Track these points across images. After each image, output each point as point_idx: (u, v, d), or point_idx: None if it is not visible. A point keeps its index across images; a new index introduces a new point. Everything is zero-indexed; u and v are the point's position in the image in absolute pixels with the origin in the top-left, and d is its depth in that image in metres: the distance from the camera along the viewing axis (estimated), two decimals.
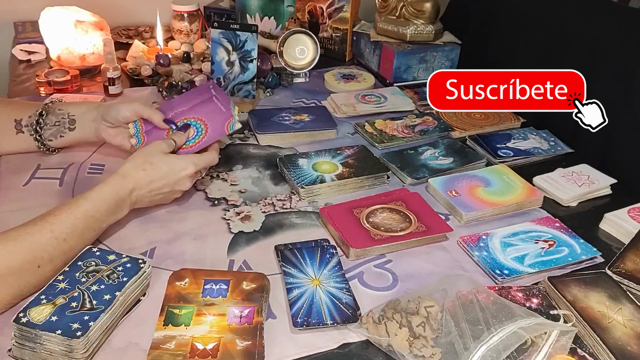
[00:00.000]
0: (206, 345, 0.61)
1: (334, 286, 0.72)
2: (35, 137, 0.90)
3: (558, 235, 0.84)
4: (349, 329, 0.66)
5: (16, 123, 0.89)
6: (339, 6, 1.41)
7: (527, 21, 1.24)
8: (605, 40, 1.06)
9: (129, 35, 1.44)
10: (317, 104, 1.21)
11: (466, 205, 0.88)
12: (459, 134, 1.12)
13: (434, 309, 0.65)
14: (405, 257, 0.79)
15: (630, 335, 0.65)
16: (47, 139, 0.90)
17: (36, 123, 0.89)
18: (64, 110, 0.90)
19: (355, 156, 0.99)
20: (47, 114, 0.89)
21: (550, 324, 0.64)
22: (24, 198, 0.85)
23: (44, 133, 0.90)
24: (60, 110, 0.90)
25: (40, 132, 0.89)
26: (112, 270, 0.67)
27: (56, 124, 0.90)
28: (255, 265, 0.76)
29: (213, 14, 1.50)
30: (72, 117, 0.90)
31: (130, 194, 0.77)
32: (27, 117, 0.89)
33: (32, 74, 1.23)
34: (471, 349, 0.60)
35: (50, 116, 0.89)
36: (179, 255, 0.77)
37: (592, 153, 1.05)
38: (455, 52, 1.32)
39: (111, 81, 1.15)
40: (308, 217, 0.86)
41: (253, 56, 1.14)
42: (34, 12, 1.29)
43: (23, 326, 0.59)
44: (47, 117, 0.89)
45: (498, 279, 0.75)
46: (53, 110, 0.90)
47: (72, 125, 0.90)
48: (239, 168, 0.98)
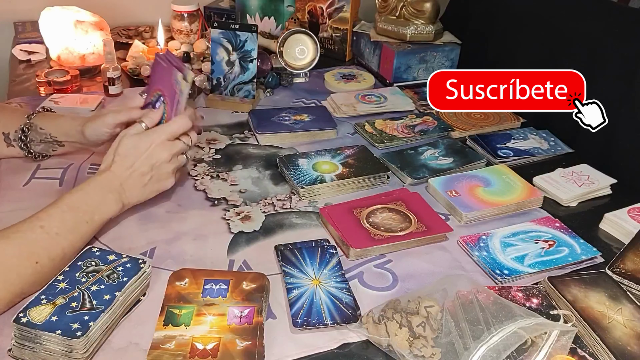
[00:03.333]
0: (206, 345, 0.61)
1: (334, 286, 0.72)
2: (25, 153, 0.90)
3: (558, 235, 0.84)
4: (349, 329, 0.66)
5: (4, 136, 0.89)
6: (339, 6, 1.41)
7: (527, 21, 1.24)
8: (605, 40, 1.06)
9: (129, 35, 1.44)
10: (317, 104, 1.21)
11: (466, 205, 0.88)
12: (459, 134, 1.12)
13: (434, 309, 0.65)
14: (405, 257, 0.79)
15: (630, 335, 0.65)
16: (39, 152, 0.91)
17: (21, 140, 0.88)
18: (45, 130, 0.88)
19: (355, 156, 0.99)
20: (30, 130, 0.88)
21: (550, 324, 0.64)
22: (24, 198, 0.85)
23: (32, 148, 0.90)
24: (42, 129, 0.88)
25: (29, 147, 0.89)
26: (112, 270, 0.67)
27: (41, 142, 0.89)
28: (255, 265, 0.76)
29: (213, 14, 1.50)
30: (55, 138, 0.89)
31: (115, 184, 0.77)
32: (13, 131, 0.89)
33: (32, 74, 1.23)
34: (471, 349, 0.60)
35: (34, 133, 0.88)
36: (179, 255, 0.77)
37: (592, 153, 1.05)
38: (455, 52, 1.32)
39: (111, 81, 1.15)
40: (308, 217, 0.86)
41: (253, 56, 1.14)
42: (34, 12, 1.29)
43: (23, 326, 0.59)
44: (30, 134, 0.88)
45: (498, 279, 0.75)
46: (35, 128, 0.88)
47: (60, 144, 0.90)
48: (239, 168, 0.98)
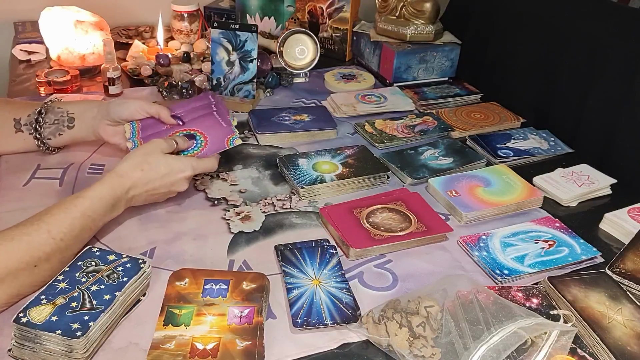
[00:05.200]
0: (206, 345, 0.61)
1: (334, 286, 0.72)
2: (35, 135, 0.90)
3: (558, 235, 0.84)
4: (349, 329, 0.66)
5: (15, 122, 0.89)
6: (339, 6, 1.41)
7: (527, 21, 1.24)
8: (605, 40, 1.06)
9: (129, 35, 1.44)
10: (317, 104, 1.21)
11: (466, 205, 0.88)
12: (459, 134, 1.12)
13: (434, 309, 0.66)
14: (405, 257, 0.79)
15: (630, 335, 0.65)
16: (46, 137, 0.90)
17: (35, 121, 0.89)
18: (63, 109, 0.90)
19: (355, 156, 0.99)
20: (47, 112, 0.89)
21: (550, 324, 0.64)
22: (24, 198, 0.85)
23: (43, 131, 0.90)
24: (60, 108, 0.90)
25: (40, 130, 0.89)
26: (112, 270, 0.67)
27: (55, 122, 0.90)
28: (255, 265, 0.76)
29: (213, 14, 1.50)
30: (71, 115, 0.90)
31: (126, 193, 0.76)
32: (26, 115, 0.89)
33: (32, 74, 1.23)
34: (471, 349, 0.60)
35: (50, 114, 0.89)
36: (179, 255, 0.77)
37: (592, 153, 1.05)
38: (455, 52, 1.32)
39: (111, 81, 1.15)
40: (308, 217, 0.86)
41: (253, 56, 1.14)
42: (34, 12, 1.29)
43: (23, 326, 0.59)
44: (46, 116, 0.89)
45: (498, 279, 0.75)
46: (52, 109, 0.90)
47: (71, 123, 0.90)
48: (239, 168, 0.98)
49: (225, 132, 0.88)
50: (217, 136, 0.87)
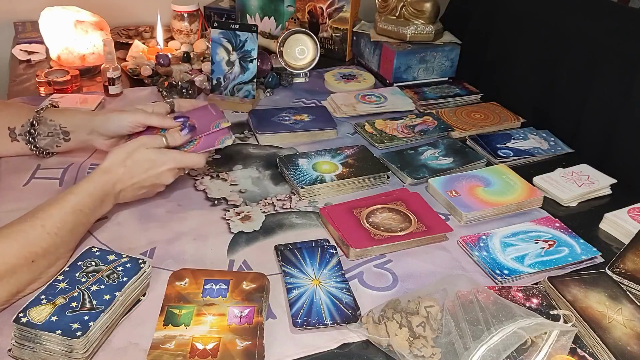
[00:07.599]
0: (206, 345, 0.61)
1: (334, 286, 0.72)
2: (30, 147, 0.90)
3: (558, 235, 0.83)
4: (349, 329, 0.66)
5: (10, 131, 0.89)
6: (339, 6, 1.41)
7: (527, 21, 1.24)
8: (605, 40, 1.06)
9: (129, 35, 1.44)
10: (317, 104, 1.21)
11: (466, 205, 0.88)
12: (459, 134, 1.12)
13: (434, 309, 0.66)
14: (405, 257, 0.79)
15: (630, 335, 0.65)
16: (43, 147, 0.90)
17: (29, 133, 0.88)
18: (55, 122, 0.88)
19: (355, 156, 0.99)
20: (39, 124, 0.88)
21: (550, 324, 0.64)
22: (24, 198, 0.85)
23: (38, 142, 0.89)
24: (52, 121, 0.88)
25: (34, 142, 0.89)
26: (112, 270, 0.67)
27: (49, 134, 0.89)
28: (255, 265, 0.76)
29: (213, 14, 1.50)
30: (65, 129, 0.88)
31: (113, 188, 0.77)
32: (19, 125, 0.88)
33: (32, 74, 1.23)
34: (471, 349, 0.60)
35: (42, 126, 0.88)
36: (179, 255, 0.77)
37: (592, 153, 1.05)
38: (455, 52, 1.32)
39: (111, 81, 1.15)
40: (308, 217, 0.86)
41: (253, 56, 1.14)
42: (34, 12, 1.29)
43: (23, 326, 0.59)
44: (39, 127, 0.88)
45: (498, 279, 0.75)
46: (44, 121, 0.88)
47: (66, 136, 0.89)
48: (239, 168, 0.98)
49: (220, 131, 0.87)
50: (210, 135, 0.87)
